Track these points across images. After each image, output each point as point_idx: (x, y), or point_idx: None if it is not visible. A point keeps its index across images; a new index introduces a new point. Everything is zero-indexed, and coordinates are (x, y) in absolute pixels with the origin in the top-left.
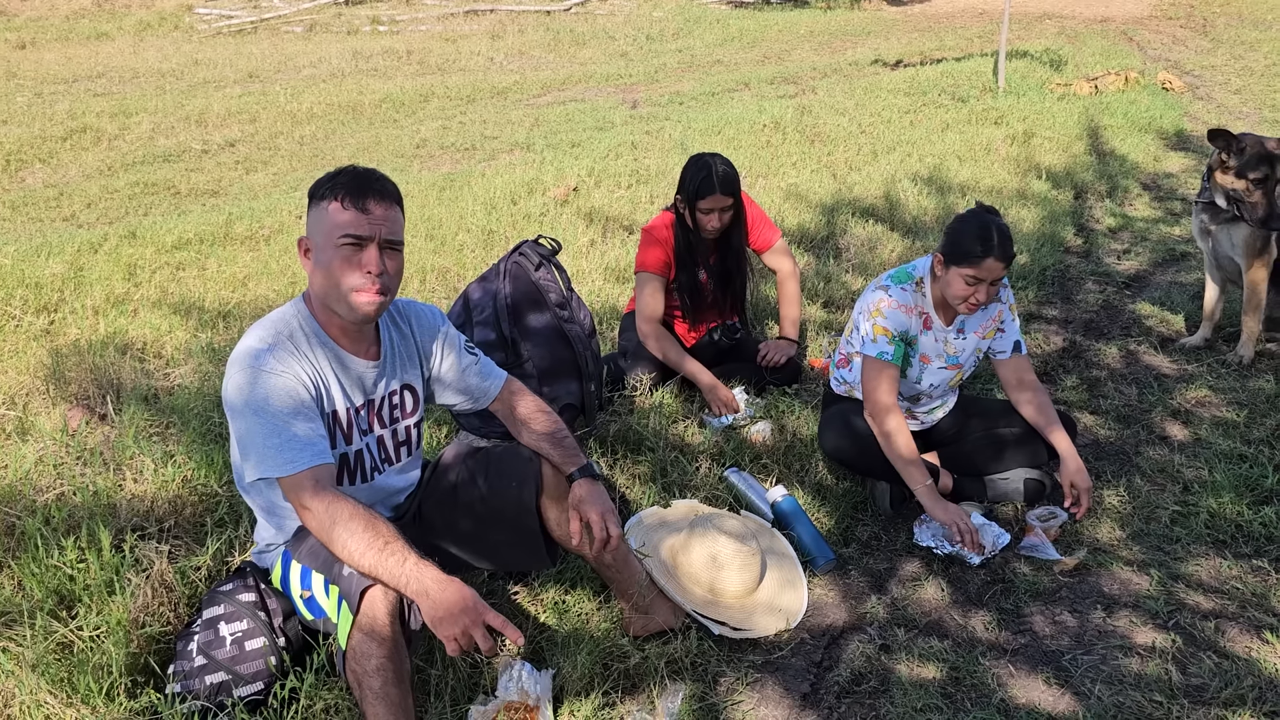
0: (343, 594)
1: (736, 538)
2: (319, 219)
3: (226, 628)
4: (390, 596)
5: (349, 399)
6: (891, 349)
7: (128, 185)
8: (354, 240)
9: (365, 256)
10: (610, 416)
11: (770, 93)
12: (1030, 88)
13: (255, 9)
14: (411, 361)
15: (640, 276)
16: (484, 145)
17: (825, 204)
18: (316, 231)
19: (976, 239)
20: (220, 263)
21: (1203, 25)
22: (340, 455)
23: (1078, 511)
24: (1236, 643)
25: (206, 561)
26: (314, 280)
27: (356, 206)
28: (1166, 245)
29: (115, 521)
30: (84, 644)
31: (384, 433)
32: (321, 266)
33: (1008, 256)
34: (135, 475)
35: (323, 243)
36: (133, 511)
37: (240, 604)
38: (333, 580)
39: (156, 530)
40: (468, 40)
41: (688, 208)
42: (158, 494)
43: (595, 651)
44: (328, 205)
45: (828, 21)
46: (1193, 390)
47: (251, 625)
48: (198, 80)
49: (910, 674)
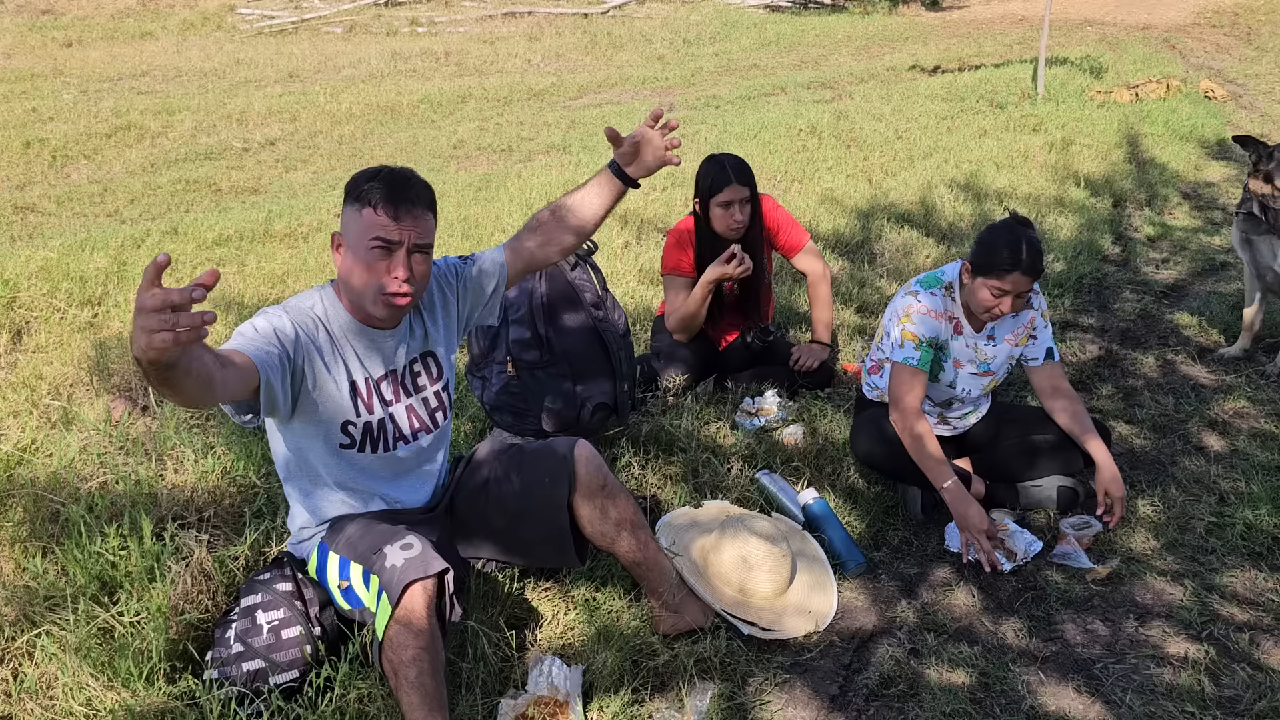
0: (383, 586)
1: (767, 539)
2: (353, 219)
3: (264, 616)
4: (430, 591)
5: (366, 369)
6: (919, 354)
7: (170, 182)
8: (384, 244)
9: (394, 262)
10: (643, 417)
11: (806, 97)
12: (1070, 95)
13: (296, 9)
14: (434, 320)
15: (667, 279)
16: (520, 147)
17: (861, 209)
18: (350, 230)
19: (1006, 251)
20: (260, 259)
21: (1247, 33)
22: (364, 424)
23: (1110, 520)
24: (1271, 655)
25: (244, 551)
26: (343, 275)
27: (389, 213)
28: (1206, 255)
29: (156, 510)
30: (125, 629)
31: (411, 401)
32: (352, 266)
33: (1036, 271)
34: (176, 466)
35: (354, 242)
36: (173, 501)
37: (277, 593)
38: (373, 571)
39: (196, 520)
40: (505, 42)
41: (703, 207)
42: (198, 484)
43: (625, 649)
44: (362, 209)
45: (865, 26)
46: (1230, 401)
47: (288, 614)
48: (239, 79)
49: (939, 679)
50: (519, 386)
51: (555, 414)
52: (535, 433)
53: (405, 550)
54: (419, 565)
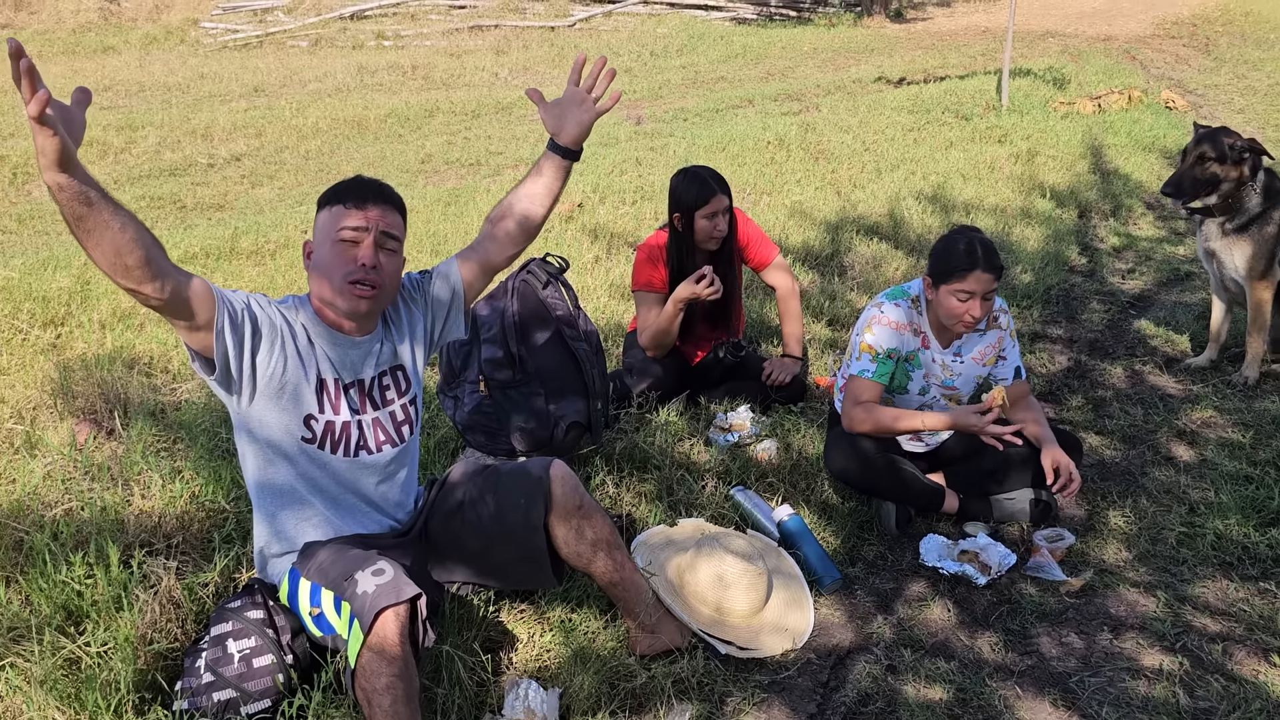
0: (354, 613)
1: (743, 557)
2: (324, 221)
3: (234, 645)
4: (402, 617)
5: (338, 373)
6: (874, 367)
7: (134, 199)
8: (353, 233)
9: (361, 248)
10: (616, 434)
11: (774, 110)
12: (1034, 106)
13: (261, 23)
14: (400, 335)
15: (638, 295)
16: (489, 161)
17: (829, 221)
18: (320, 231)
19: (961, 254)
20: (226, 277)
21: (1205, 44)
22: (327, 422)
23: (1066, 492)
24: (1244, 666)
25: (214, 578)
26: (313, 282)
27: (357, 204)
28: (1171, 265)
29: (123, 537)
30: (91, 660)
31: (378, 414)
32: (320, 263)
33: (995, 267)
34: (143, 491)
35: (322, 239)
36: (140, 527)
37: (248, 621)
38: (344, 598)
39: (164, 546)
40: (472, 55)
41: (685, 221)
42: (165, 510)
43: (602, 671)
44: (332, 207)
45: (831, 39)
46: (1198, 411)
47: (259, 642)
48: (203, 94)
49: (917, 695)
50: (492, 406)
51: (528, 433)
52: (508, 452)
53: (377, 576)
54: (391, 591)
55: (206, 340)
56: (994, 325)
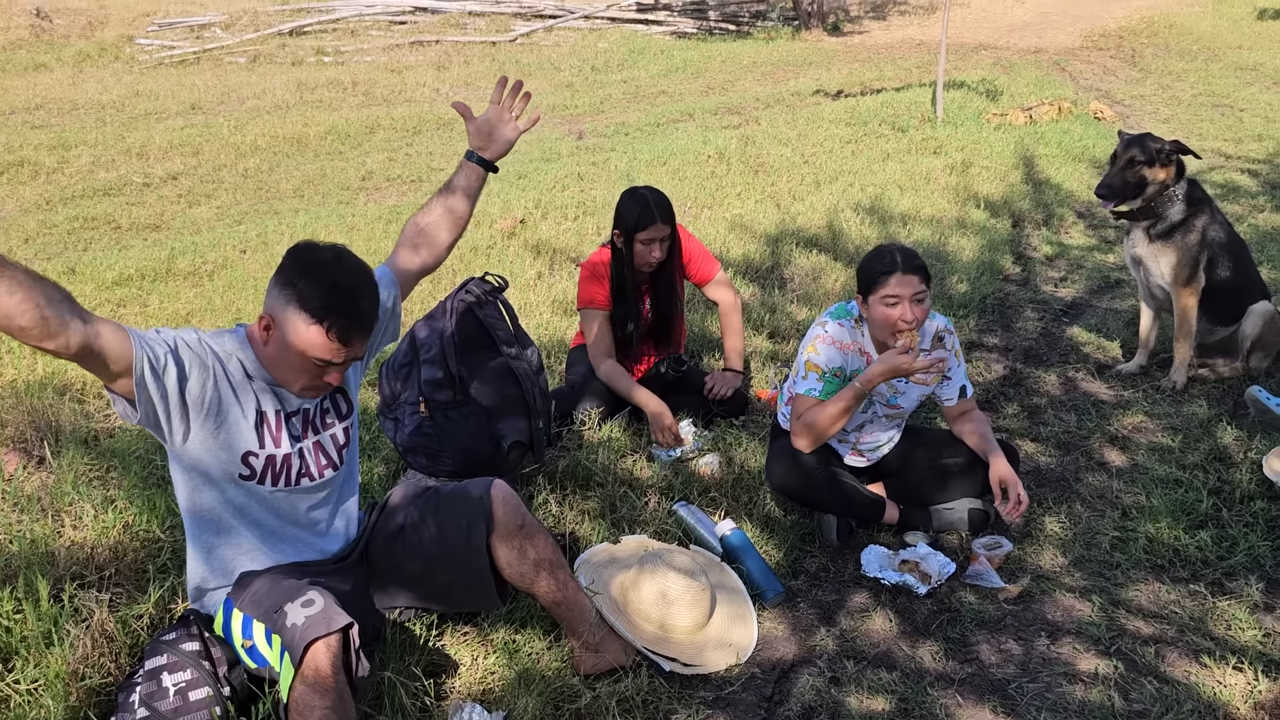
0: (285, 645)
1: (686, 573)
2: (298, 326)
3: (170, 678)
4: (334, 647)
5: (279, 402)
6: (820, 385)
7: (67, 220)
8: (323, 363)
9: (330, 375)
10: (558, 452)
11: (714, 123)
12: (968, 118)
13: (198, 40)
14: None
15: (585, 313)
16: (431, 177)
17: (770, 234)
18: (291, 332)
19: (879, 261)
20: (163, 299)
21: (1131, 56)
22: (267, 457)
23: (1015, 511)
24: (1176, 667)
25: (149, 610)
26: (268, 356)
27: (340, 340)
28: (1101, 272)
29: (53, 570)
30: (21, 698)
31: (320, 438)
32: (282, 356)
33: (916, 268)
34: (74, 521)
35: (292, 345)
36: (72, 559)
37: (183, 653)
38: (274, 630)
39: (97, 578)
40: (413, 71)
41: (625, 241)
42: (98, 540)
43: (546, 692)
44: (310, 324)
45: (770, 52)
46: (1129, 416)
47: (195, 675)
48: (139, 112)
49: (860, 706)
50: (432, 427)
51: (470, 454)
52: (450, 473)
53: (306, 608)
54: (321, 622)
55: (127, 387)
56: (939, 345)
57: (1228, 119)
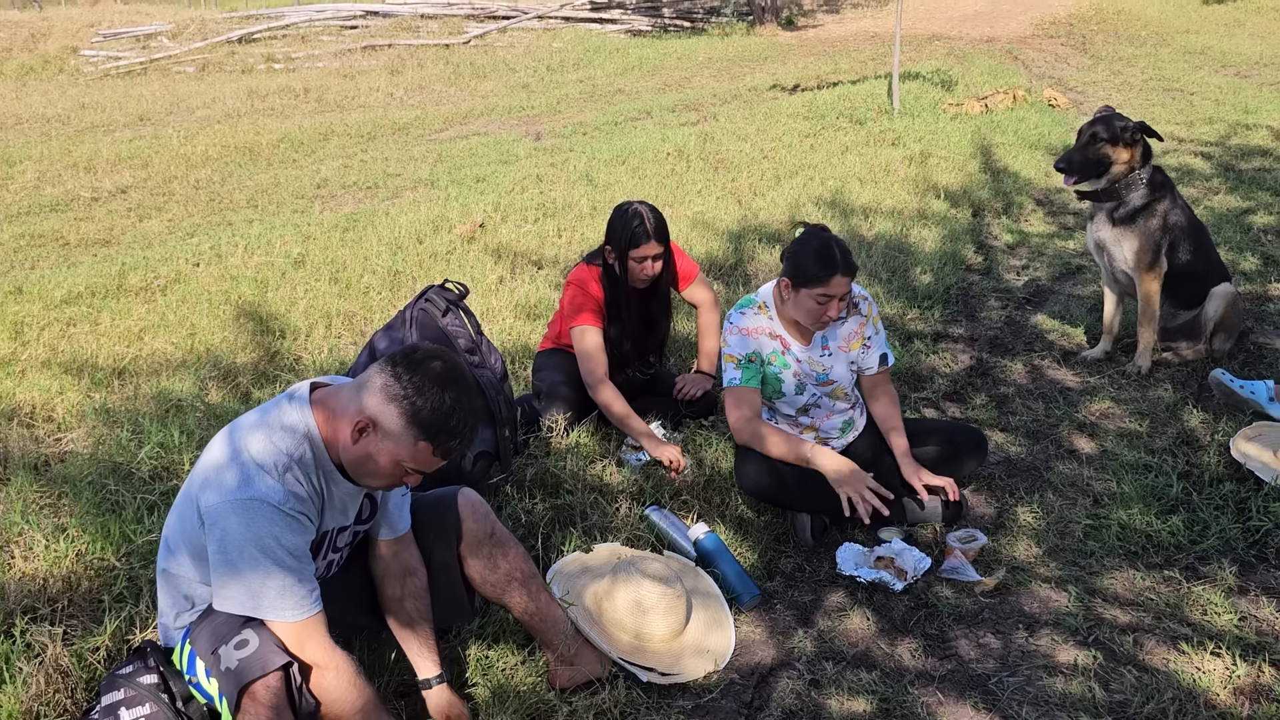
0: (221, 691)
1: (661, 581)
2: (400, 439)
3: (128, 714)
4: (273, 686)
5: (345, 516)
6: (740, 374)
7: (12, 238)
8: (414, 474)
9: (411, 478)
10: (526, 460)
11: (672, 120)
12: (924, 108)
13: (145, 50)
14: None
15: (578, 331)
16: (387, 183)
17: (732, 231)
18: (389, 440)
19: (819, 260)
20: (114, 316)
21: (1082, 42)
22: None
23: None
24: (1154, 655)
25: (105, 642)
26: (355, 451)
27: (444, 456)
28: (1062, 259)
29: (4, 604)
30: None
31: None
32: (371, 461)
33: (852, 269)
34: (24, 552)
35: (389, 449)
36: (23, 592)
37: (141, 687)
38: (212, 674)
39: (49, 611)
40: (366, 76)
41: (618, 258)
42: (50, 571)
43: (521, 708)
44: (417, 440)
45: (725, 48)
46: (1096, 403)
47: (154, 709)
48: (85, 125)
49: (841, 708)
50: None
51: None
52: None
53: (240, 650)
54: (256, 664)
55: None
56: (854, 312)
57: (1179, 103)
